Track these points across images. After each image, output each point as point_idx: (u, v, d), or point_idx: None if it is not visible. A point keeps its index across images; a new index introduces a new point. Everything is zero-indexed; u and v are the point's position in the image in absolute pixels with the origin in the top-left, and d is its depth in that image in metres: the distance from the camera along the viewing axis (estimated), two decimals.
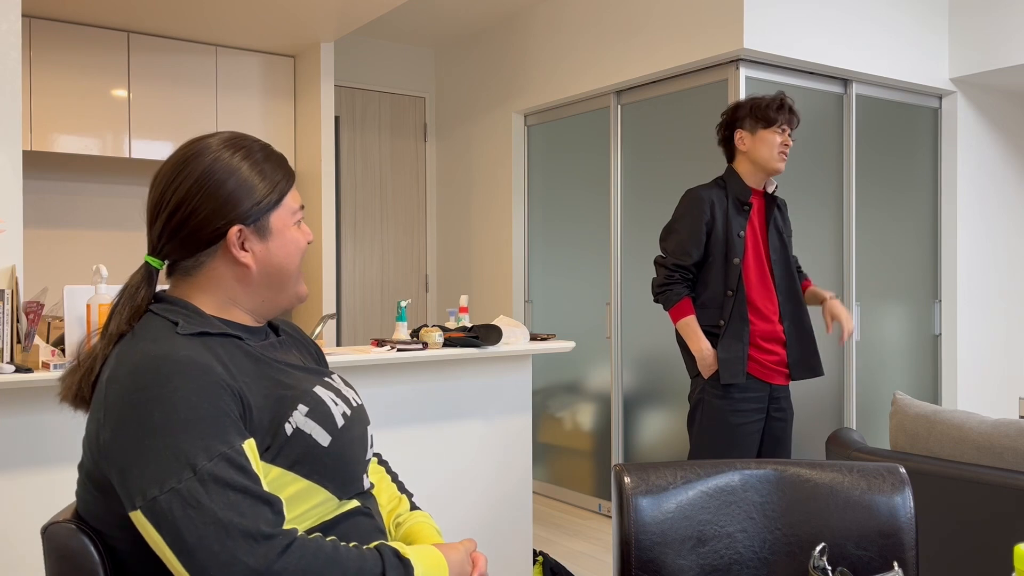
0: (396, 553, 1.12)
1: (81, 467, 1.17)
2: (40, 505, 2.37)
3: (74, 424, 2.41)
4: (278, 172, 1.26)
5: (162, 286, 1.28)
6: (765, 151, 2.84)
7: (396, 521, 1.39)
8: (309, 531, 1.16)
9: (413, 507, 1.44)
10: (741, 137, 2.86)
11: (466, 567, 1.22)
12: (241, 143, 1.25)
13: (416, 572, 1.12)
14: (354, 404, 1.30)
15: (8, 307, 2.35)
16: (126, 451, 1.05)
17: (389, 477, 1.47)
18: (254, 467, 1.08)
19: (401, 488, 1.46)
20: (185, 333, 1.15)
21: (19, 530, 2.34)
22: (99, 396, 1.12)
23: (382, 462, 1.49)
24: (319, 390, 1.24)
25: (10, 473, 2.33)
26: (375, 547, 1.12)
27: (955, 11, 4.42)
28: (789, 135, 2.85)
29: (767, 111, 2.84)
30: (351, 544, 1.12)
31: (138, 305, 1.21)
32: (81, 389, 1.19)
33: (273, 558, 1.02)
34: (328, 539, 1.10)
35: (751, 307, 2.81)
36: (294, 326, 1.43)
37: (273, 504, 1.07)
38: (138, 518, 1.04)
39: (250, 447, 1.10)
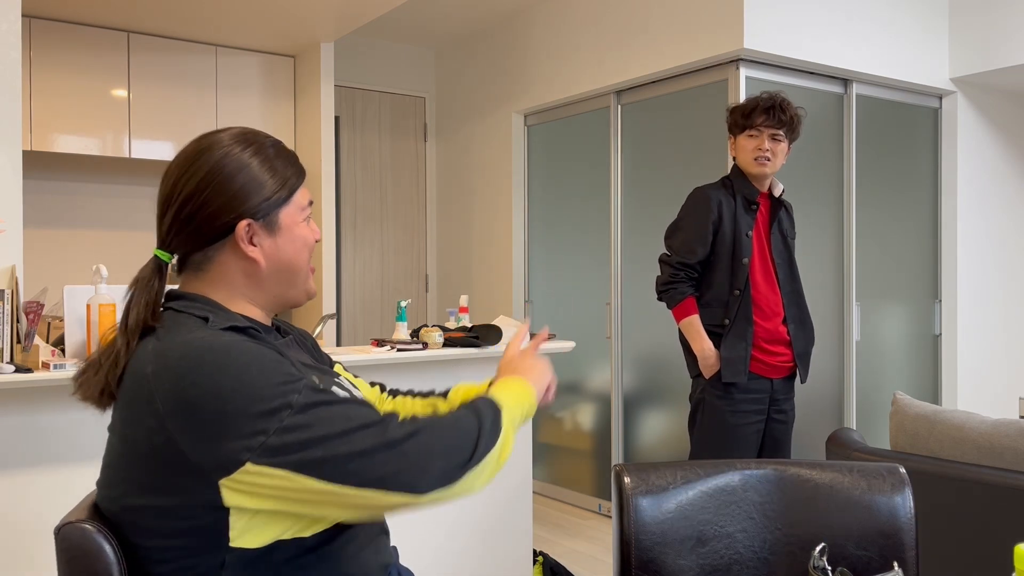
0: (484, 400, 1.19)
1: (114, 465, 1.15)
2: (41, 505, 2.37)
3: (74, 424, 2.41)
4: (289, 169, 1.27)
5: (171, 285, 1.27)
6: (742, 156, 2.85)
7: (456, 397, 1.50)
8: (325, 532, 1.15)
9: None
10: (731, 142, 2.90)
11: (544, 372, 1.33)
12: (253, 139, 1.26)
13: (504, 404, 1.19)
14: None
15: (8, 307, 2.35)
16: (209, 422, 1.04)
17: (410, 397, 1.56)
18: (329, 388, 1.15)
19: (425, 394, 1.56)
20: (216, 328, 1.14)
21: (20, 530, 2.34)
22: (145, 390, 1.10)
23: (391, 391, 1.58)
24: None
25: (10, 473, 2.33)
26: (462, 405, 1.19)
27: (955, 11, 4.42)
28: (776, 137, 2.80)
29: (737, 115, 2.87)
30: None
31: (153, 298, 1.21)
32: (108, 384, 1.17)
33: (397, 426, 1.08)
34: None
35: (756, 308, 2.81)
36: (294, 327, 1.44)
37: (370, 403, 1.13)
38: (247, 471, 1.03)
39: (317, 378, 1.15)
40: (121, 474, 1.15)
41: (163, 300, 1.23)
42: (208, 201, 1.20)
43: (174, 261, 1.25)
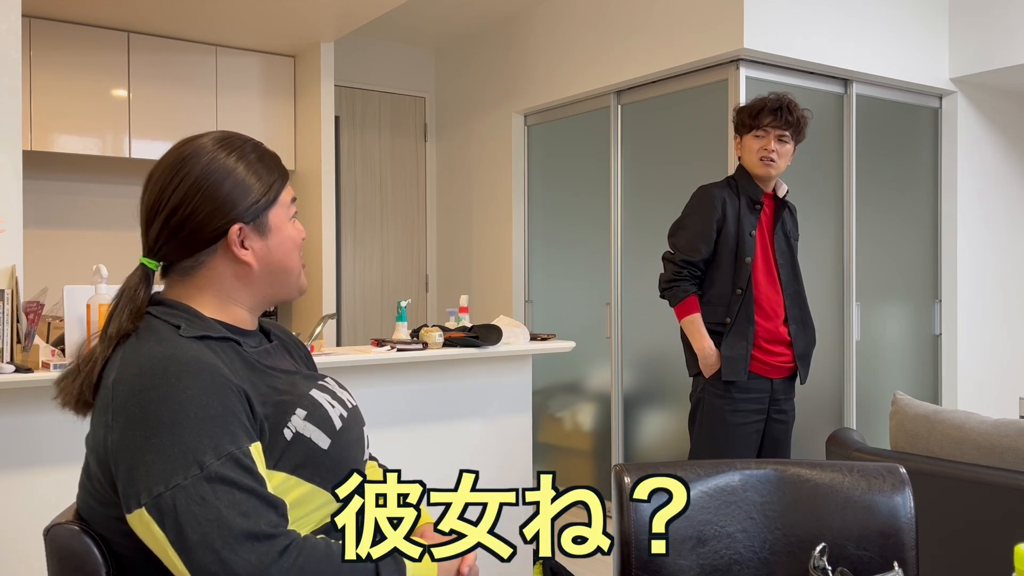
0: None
1: (86, 470, 1.16)
2: (40, 505, 2.37)
3: (74, 424, 2.40)
4: (273, 172, 1.27)
5: (157, 287, 1.27)
6: (747, 156, 2.86)
7: None
8: (312, 534, 1.15)
9: None
10: (736, 142, 2.90)
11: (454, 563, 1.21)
12: (235, 143, 1.25)
13: (408, 571, 1.11)
14: (349, 406, 1.30)
15: (8, 307, 2.35)
16: (134, 450, 1.05)
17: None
18: (260, 470, 1.08)
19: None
20: (188, 336, 1.15)
21: (19, 530, 2.34)
22: (105, 399, 1.12)
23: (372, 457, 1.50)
24: (315, 393, 1.24)
25: (10, 473, 2.33)
26: None
27: (955, 11, 4.42)
28: (783, 138, 2.81)
29: (744, 115, 2.87)
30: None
31: (138, 307, 1.21)
32: (83, 394, 1.18)
33: (273, 558, 1.02)
34: (319, 537, 1.10)
35: (757, 307, 2.81)
36: (283, 329, 1.43)
37: (278, 507, 1.07)
38: (141, 516, 1.03)
39: (256, 450, 1.10)
40: (85, 482, 1.17)
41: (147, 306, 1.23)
42: (198, 208, 1.19)
43: (160, 268, 1.25)
